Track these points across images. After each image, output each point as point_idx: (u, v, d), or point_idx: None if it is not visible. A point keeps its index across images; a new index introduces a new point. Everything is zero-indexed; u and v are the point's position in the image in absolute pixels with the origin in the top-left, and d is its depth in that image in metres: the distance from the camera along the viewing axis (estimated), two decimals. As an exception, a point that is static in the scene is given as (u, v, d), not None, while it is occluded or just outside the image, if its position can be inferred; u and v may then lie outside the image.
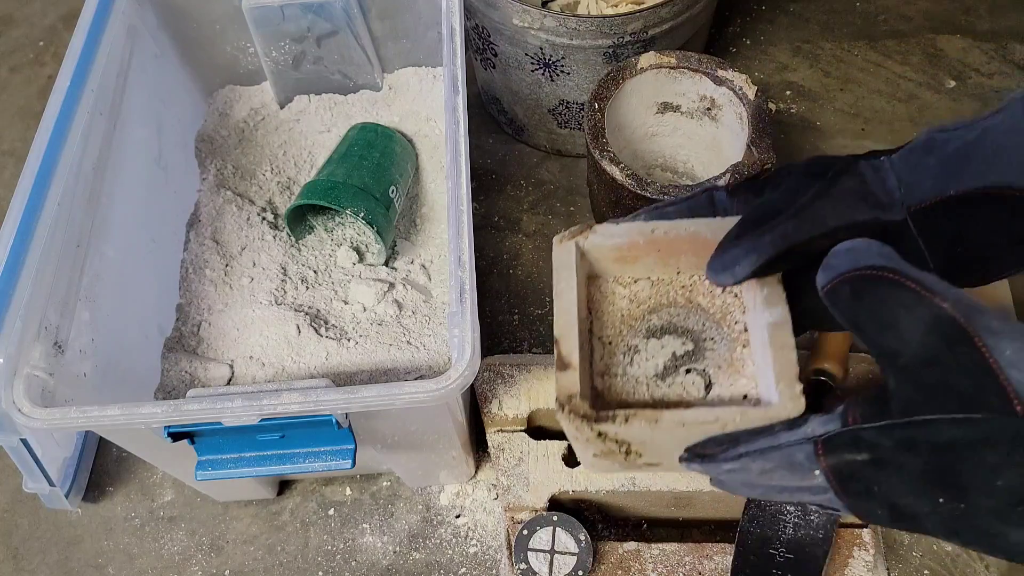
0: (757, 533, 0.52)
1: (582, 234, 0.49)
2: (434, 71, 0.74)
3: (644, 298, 0.51)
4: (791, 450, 0.38)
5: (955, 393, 0.33)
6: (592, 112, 0.63)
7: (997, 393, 0.33)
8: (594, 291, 0.52)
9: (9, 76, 0.95)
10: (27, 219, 0.51)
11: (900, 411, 0.35)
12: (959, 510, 0.34)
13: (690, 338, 0.49)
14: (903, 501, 0.35)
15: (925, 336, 0.35)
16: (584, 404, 0.44)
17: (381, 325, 0.63)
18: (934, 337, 0.35)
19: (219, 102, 0.77)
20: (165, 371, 0.61)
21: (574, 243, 0.49)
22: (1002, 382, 0.33)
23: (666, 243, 0.49)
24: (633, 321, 0.50)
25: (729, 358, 0.47)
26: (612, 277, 0.52)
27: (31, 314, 0.49)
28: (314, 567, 0.62)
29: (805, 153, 0.80)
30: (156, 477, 0.67)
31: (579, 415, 0.43)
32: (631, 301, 0.51)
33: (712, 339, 0.48)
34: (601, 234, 0.49)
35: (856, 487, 0.36)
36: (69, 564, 0.63)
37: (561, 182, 0.80)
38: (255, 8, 0.67)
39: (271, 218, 0.70)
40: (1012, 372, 0.33)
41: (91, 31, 0.60)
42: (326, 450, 0.49)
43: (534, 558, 0.53)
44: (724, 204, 0.49)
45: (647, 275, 0.51)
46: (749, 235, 0.42)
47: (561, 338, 0.46)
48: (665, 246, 0.49)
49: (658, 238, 0.49)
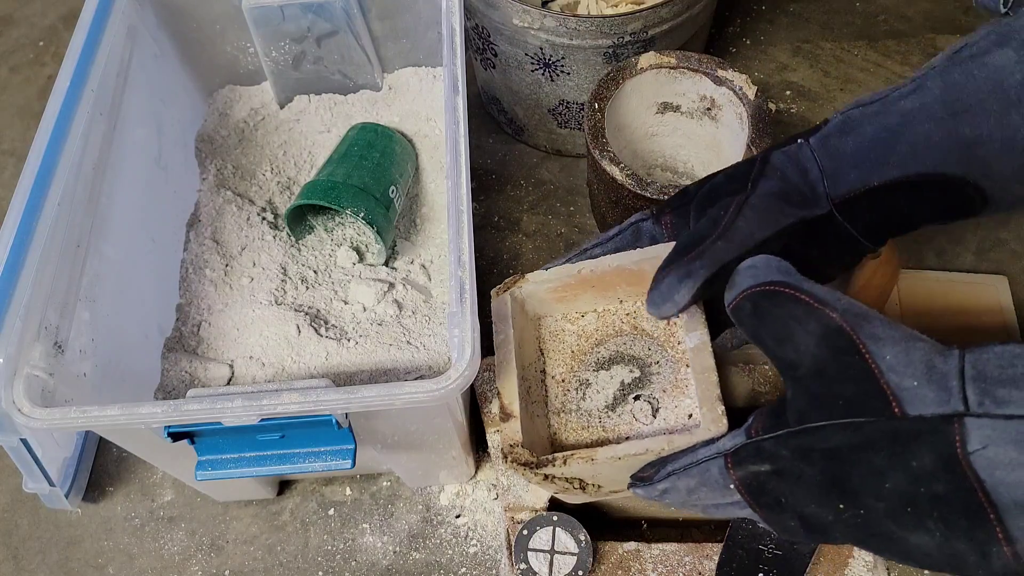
0: (748, 528, 0.52)
1: (516, 284, 0.50)
2: (434, 71, 0.74)
3: (592, 331, 0.52)
4: (707, 465, 0.38)
5: (842, 399, 0.34)
6: (592, 112, 0.63)
7: (879, 396, 0.33)
8: (544, 331, 0.52)
9: (9, 76, 0.95)
10: (27, 219, 0.51)
11: (795, 420, 0.35)
12: (859, 516, 0.34)
13: (637, 365, 0.50)
14: (809, 511, 0.35)
15: (816, 347, 0.35)
16: (525, 452, 0.44)
17: (381, 325, 0.63)
18: (824, 347, 0.35)
19: (219, 102, 0.77)
20: (165, 371, 0.61)
21: (508, 295, 0.50)
22: (882, 385, 0.33)
23: (597, 279, 0.50)
24: (583, 356, 0.51)
25: (674, 380, 0.47)
26: (560, 315, 0.52)
27: (31, 314, 0.49)
28: (314, 567, 0.62)
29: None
30: (156, 477, 0.67)
31: (521, 463, 0.44)
32: (579, 336, 0.51)
33: (657, 363, 0.49)
34: (533, 282, 0.50)
35: (766, 499, 0.36)
36: (69, 564, 0.63)
37: (561, 182, 0.80)
38: (255, 8, 0.67)
39: (271, 218, 0.70)
40: (891, 376, 0.33)
41: (91, 31, 0.60)
42: (326, 450, 0.49)
43: (534, 558, 0.53)
44: (651, 232, 0.49)
45: (592, 308, 0.52)
46: (681, 262, 0.42)
47: (503, 390, 0.47)
48: (597, 282, 0.50)
49: (586, 276, 0.50)
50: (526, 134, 0.81)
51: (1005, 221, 0.75)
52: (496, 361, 0.48)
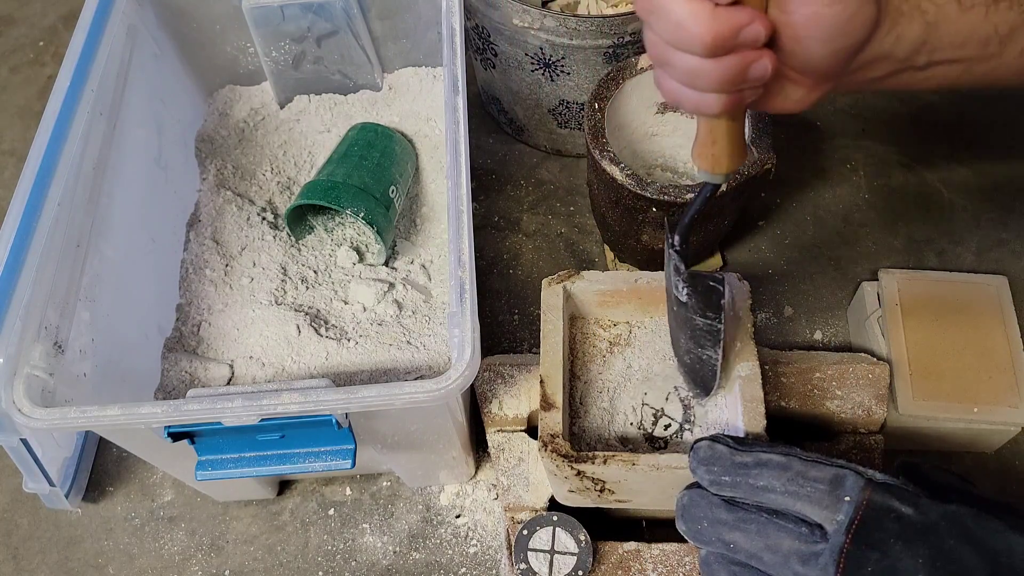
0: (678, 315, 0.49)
1: (570, 279, 0.52)
2: (434, 71, 0.74)
3: (623, 342, 0.53)
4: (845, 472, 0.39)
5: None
6: (592, 112, 0.63)
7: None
8: (576, 332, 0.54)
9: (9, 76, 0.95)
10: (27, 219, 0.51)
11: None
12: None
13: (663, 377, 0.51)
14: None
15: None
16: (566, 444, 0.46)
17: (381, 325, 0.63)
18: None
19: (219, 102, 0.77)
20: (165, 371, 0.61)
21: (562, 286, 0.51)
22: None
23: (647, 292, 0.52)
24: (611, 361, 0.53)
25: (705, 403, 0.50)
26: (594, 319, 0.54)
27: (31, 314, 0.49)
28: (314, 567, 0.62)
29: (805, 153, 0.80)
30: (156, 477, 0.67)
31: (560, 454, 0.45)
32: (610, 343, 0.53)
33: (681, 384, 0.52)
34: (587, 280, 0.52)
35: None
36: (69, 564, 0.63)
37: (561, 182, 0.80)
38: (255, 8, 0.67)
39: (271, 218, 0.70)
40: None
41: (91, 31, 0.60)
42: (326, 450, 0.49)
43: (534, 558, 0.53)
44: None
45: (626, 319, 0.54)
46: None
47: (547, 379, 0.48)
48: (646, 295, 0.52)
49: (640, 287, 0.52)
50: (526, 134, 0.81)
51: (1005, 221, 0.75)
52: (542, 350, 0.49)
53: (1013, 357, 0.59)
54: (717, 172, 0.40)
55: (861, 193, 0.77)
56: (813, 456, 0.40)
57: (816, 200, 0.77)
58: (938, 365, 0.59)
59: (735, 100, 0.35)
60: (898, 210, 0.76)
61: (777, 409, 0.56)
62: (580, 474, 0.45)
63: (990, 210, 0.75)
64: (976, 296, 0.62)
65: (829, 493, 0.39)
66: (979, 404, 0.57)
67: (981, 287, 0.62)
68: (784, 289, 0.72)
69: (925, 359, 0.59)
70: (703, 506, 0.42)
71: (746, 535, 0.40)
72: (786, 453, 0.41)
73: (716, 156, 0.39)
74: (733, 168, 0.40)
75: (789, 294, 0.72)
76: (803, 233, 0.75)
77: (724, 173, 0.40)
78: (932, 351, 0.59)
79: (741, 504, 0.41)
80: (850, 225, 0.75)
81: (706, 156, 0.39)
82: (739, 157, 0.40)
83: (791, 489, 0.39)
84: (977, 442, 0.62)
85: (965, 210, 0.76)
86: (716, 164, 0.39)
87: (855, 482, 0.38)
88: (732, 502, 0.41)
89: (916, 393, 0.58)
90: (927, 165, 0.79)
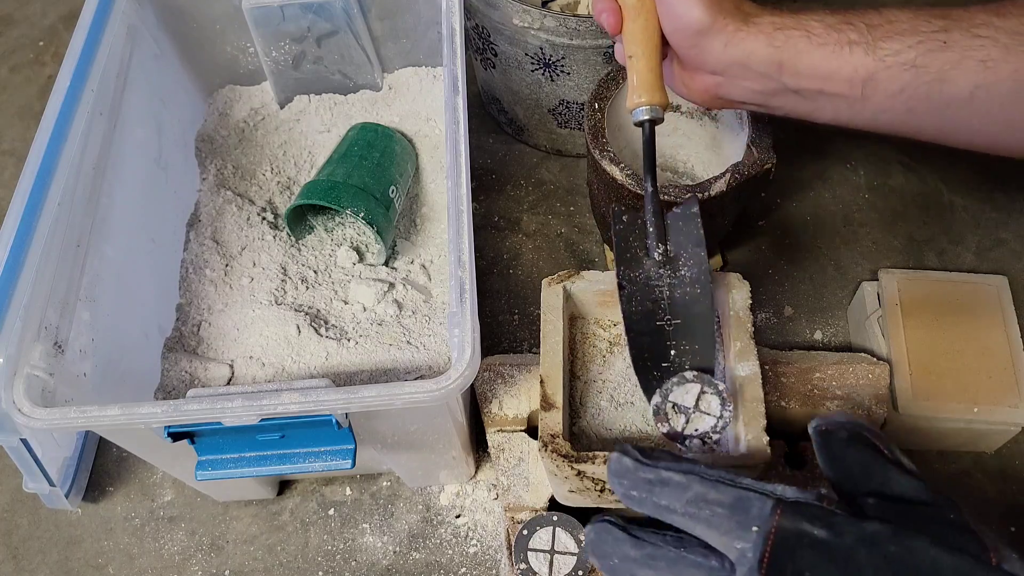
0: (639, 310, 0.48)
1: (569, 278, 0.52)
2: (434, 71, 0.74)
3: (622, 340, 0.53)
4: (746, 494, 0.36)
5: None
6: (592, 112, 0.63)
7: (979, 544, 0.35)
8: (576, 332, 0.54)
9: (9, 76, 0.95)
10: (27, 219, 0.51)
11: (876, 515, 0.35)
12: None
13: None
14: None
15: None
16: (566, 444, 0.45)
17: (381, 325, 0.63)
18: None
19: (219, 102, 0.77)
20: (165, 371, 0.61)
21: (562, 286, 0.51)
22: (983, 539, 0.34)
23: None
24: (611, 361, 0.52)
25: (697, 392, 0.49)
26: (594, 319, 0.54)
27: (31, 314, 0.49)
28: (314, 567, 0.62)
29: (805, 153, 0.80)
30: (156, 477, 0.67)
31: (560, 455, 0.45)
32: (610, 343, 0.53)
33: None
34: (588, 279, 0.52)
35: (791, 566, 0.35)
36: (69, 564, 0.63)
37: (561, 182, 0.80)
38: (255, 8, 0.67)
39: (271, 218, 0.70)
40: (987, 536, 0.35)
41: (91, 31, 0.60)
42: (326, 450, 0.49)
43: (534, 558, 0.53)
44: None
45: None
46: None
47: (547, 379, 0.48)
48: None
49: None
50: (526, 134, 0.81)
51: (1005, 221, 0.75)
52: (542, 350, 0.49)
53: (1013, 357, 0.59)
54: (637, 106, 0.48)
55: (861, 193, 0.77)
56: (715, 474, 0.37)
57: (816, 200, 0.77)
58: (938, 365, 0.59)
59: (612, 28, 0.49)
60: (898, 210, 0.76)
61: (777, 409, 0.56)
62: (580, 474, 0.45)
63: (990, 210, 0.75)
64: (976, 296, 0.62)
65: (729, 518, 0.36)
66: (979, 404, 0.57)
67: (981, 287, 0.62)
68: (784, 289, 0.72)
69: (925, 359, 0.59)
70: (609, 542, 0.39)
71: (656, 572, 0.37)
72: (687, 471, 0.37)
73: (634, 87, 0.48)
74: (653, 101, 0.48)
75: (789, 294, 0.72)
76: (803, 233, 0.75)
77: (647, 105, 0.48)
78: (932, 351, 0.59)
79: (647, 539, 0.38)
80: (850, 225, 0.75)
81: (631, 96, 0.48)
82: (654, 93, 0.48)
83: (690, 511, 0.37)
84: (977, 442, 0.62)
85: (965, 210, 0.76)
86: (633, 96, 0.48)
87: (761, 507, 0.35)
88: (638, 536, 0.38)
89: (916, 393, 0.58)
90: (927, 165, 0.79)
